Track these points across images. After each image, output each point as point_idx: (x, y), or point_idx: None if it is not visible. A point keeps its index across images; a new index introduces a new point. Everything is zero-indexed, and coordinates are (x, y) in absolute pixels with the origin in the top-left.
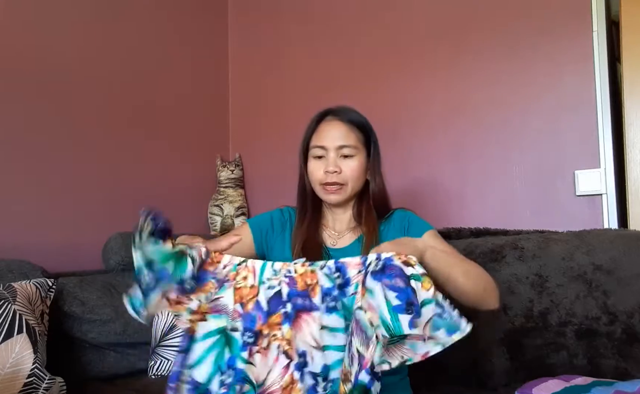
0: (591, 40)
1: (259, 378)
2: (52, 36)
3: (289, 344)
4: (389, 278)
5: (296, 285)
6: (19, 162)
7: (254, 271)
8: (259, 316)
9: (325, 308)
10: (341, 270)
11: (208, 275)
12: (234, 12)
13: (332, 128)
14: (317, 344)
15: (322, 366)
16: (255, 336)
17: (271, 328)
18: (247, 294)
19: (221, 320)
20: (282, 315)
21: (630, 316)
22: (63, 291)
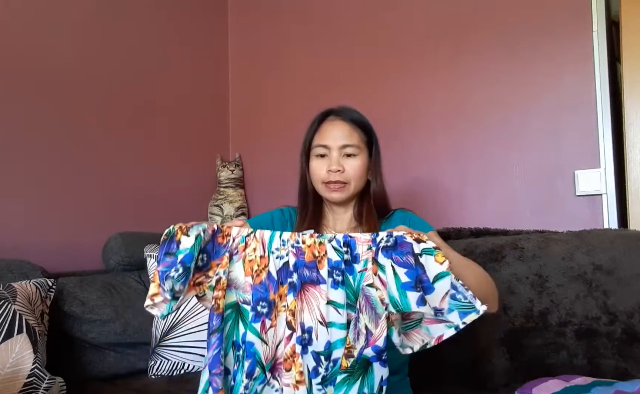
0: (591, 40)
1: (268, 357)
2: (53, 37)
3: (292, 315)
4: (400, 255)
5: (304, 256)
6: (19, 162)
7: (263, 241)
8: (271, 286)
9: (332, 282)
10: (350, 245)
11: (221, 248)
12: (234, 12)
13: (335, 128)
14: (322, 320)
15: (325, 344)
16: (269, 306)
17: (281, 299)
18: (259, 265)
19: (231, 294)
20: (288, 286)
21: (630, 316)
22: (63, 291)
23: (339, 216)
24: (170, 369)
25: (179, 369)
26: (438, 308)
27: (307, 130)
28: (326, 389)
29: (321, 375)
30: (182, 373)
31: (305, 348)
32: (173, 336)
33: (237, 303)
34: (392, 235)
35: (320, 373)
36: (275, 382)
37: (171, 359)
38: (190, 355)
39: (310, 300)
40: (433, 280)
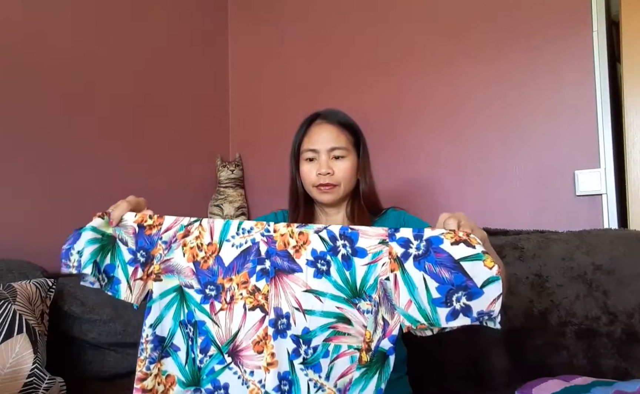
0: (591, 40)
1: (224, 338)
2: (53, 37)
3: (265, 300)
4: (434, 264)
5: (275, 244)
6: (19, 161)
7: (212, 229)
8: (220, 270)
9: (315, 272)
10: (351, 238)
11: (154, 238)
12: (234, 12)
13: (322, 131)
14: (299, 307)
15: (303, 329)
16: (217, 289)
17: (238, 287)
18: (206, 251)
19: (174, 278)
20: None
21: (630, 316)
22: (63, 291)
23: (331, 218)
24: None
25: None
26: (485, 311)
27: (296, 135)
28: (308, 371)
29: (302, 356)
30: None
31: (284, 333)
32: None
33: (179, 287)
34: (422, 236)
35: (301, 354)
36: (237, 368)
37: None
38: None
39: (286, 288)
40: (482, 285)
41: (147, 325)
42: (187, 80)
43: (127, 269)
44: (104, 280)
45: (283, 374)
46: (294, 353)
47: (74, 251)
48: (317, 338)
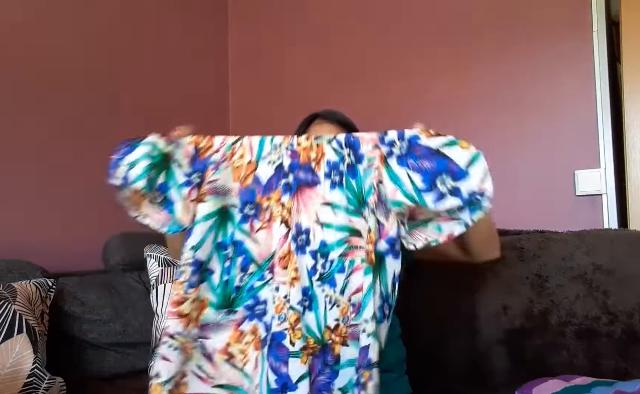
0: (591, 40)
1: (264, 255)
2: (53, 37)
3: (289, 214)
4: (415, 160)
5: (299, 158)
6: (19, 161)
7: (251, 147)
8: (258, 189)
9: (330, 183)
10: (354, 145)
11: (206, 161)
12: (234, 12)
13: (322, 131)
14: (317, 219)
15: (320, 242)
16: (256, 208)
17: (276, 203)
18: (246, 170)
19: (218, 200)
20: (283, 186)
21: (630, 316)
22: (63, 291)
23: None
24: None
25: None
26: (477, 191)
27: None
28: (324, 286)
29: (318, 272)
30: None
31: (302, 249)
32: None
33: (221, 209)
34: (403, 136)
35: (317, 270)
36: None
37: None
38: None
39: (307, 201)
40: (466, 166)
41: (188, 246)
42: (187, 80)
43: (181, 191)
44: (159, 197)
45: (304, 289)
46: (312, 269)
47: (122, 164)
48: (334, 252)
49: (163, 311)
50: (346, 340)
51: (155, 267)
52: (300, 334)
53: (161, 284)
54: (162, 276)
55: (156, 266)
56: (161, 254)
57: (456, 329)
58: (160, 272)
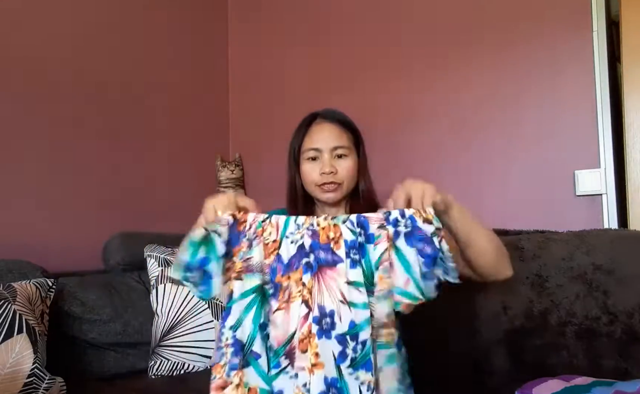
0: (591, 40)
1: (280, 340)
2: (54, 36)
3: (309, 294)
4: (418, 241)
5: (319, 238)
6: (19, 161)
7: (278, 226)
8: (279, 268)
9: (351, 262)
10: (364, 225)
11: (240, 235)
12: (234, 12)
13: (324, 130)
14: (344, 300)
15: (350, 323)
16: (275, 288)
17: (296, 283)
18: (269, 248)
19: (254, 278)
20: (305, 266)
21: (630, 316)
22: (63, 291)
23: None
24: (170, 369)
25: (179, 369)
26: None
27: (295, 135)
28: (358, 373)
29: (349, 357)
30: (182, 373)
31: (328, 333)
32: (173, 336)
33: (260, 287)
34: (404, 214)
35: (348, 355)
36: (291, 369)
37: (171, 359)
38: (190, 355)
39: (329, 282)
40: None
41: (226, 326)
42: (187, 80)
43: (220, 263)
44: (195, 277)
45: (331, 380)
46: (341, 356)
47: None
48: (364, 332)
49: (163, 311)
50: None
51: (155, 267)
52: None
53: (161, 284)
54: (162, 276)
55: (156, 266)
56: (161, 254)
57: (456, 329)
58: (160, 272)
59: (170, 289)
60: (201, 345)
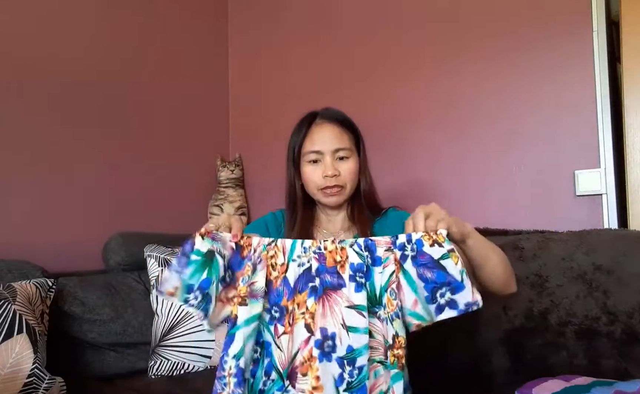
0: (591, 40)
1: (284, 363)
2: (53, 36)
3: (312, 318)
4: (418, 267)
5: (325, 261)
6: (19, 161)
7: (284, 249)
8: (285, 292)
9: (355, 286)
10: (371, 248)
11: (244, 260)
12: (234, 12)
13: (324, 131)
14: (344, 324)
15: (347, 347)
16: (280, 312)
17: (299, 306)
18: (278, 271)
19: (258, 304)
20: (310, 290)
21: (630, 316)
22: (63, 291)
23: (332, 218)
24: (170, 369)
25: (179, 369)
26: (472, 301)
27: (294, 136)
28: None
29: (346, 381)
30: (182, 373)
31: (329, 356)
32: (173, 336)
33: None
34: (411, 239)
35: (345, 379)
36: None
37: (171, 359)
38: (190, 355)
39: (333, 305)
40: (460, 279)
41: (229, 355)
42: (187, 80)
43: (219, 287)
44: (197, 298)
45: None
46: (339, 378)
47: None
48: (362, 358)
49: (163, 311)
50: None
51: (155, 267)
52: None
53: None
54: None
55: (156, 266)
56: (161, 254)
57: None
58: (160, 272)
59: None
60: (201, 345)
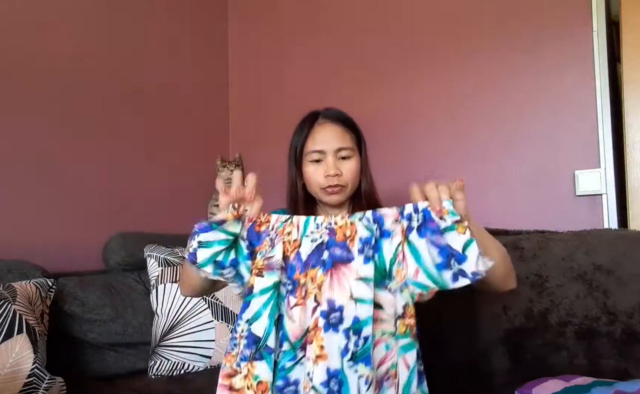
0: (591, 40)
1: (297, 334)
2: (53, 35)
3: (319, 289)
4: (431, 234)
5: (335, 236)
6: (19, 161)
7: (298, 226)
8: (297, 266)
9: (364, 258)
10: (379, 221)
11: (262, 234)
12: (234, 12)
13: (327, 131)
14: (351, 295)
15: (353, 318)
16: (293, 285)
17: (313, 281)
18: (291, 246)
19: (274, 275)
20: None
21: (630, 316)
22: (63, 291)
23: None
24: (170, 369)
25: (179, 369)
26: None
27: (296, 135)
28: (357, 366)
29: (350, 351)
30: (182, 373)
31: (335, 327)
32: (173, 336)
33: (278, 284)
34: (418, 209)
35: (349, 349)
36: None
37: (171, 359)
38: (190, 355)
39: (341, 278)
40: (462, 250)
41: (243, 319)
42: (187, 80)
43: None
44: (230, 272)
45: (333, 371)
46: (345, 349)
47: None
48: (367, 328)
49: (163, 311)
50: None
51: (155, 267)
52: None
53: (161, 284)
54: (162, 276)
55: (156, 266)
56: (161, 254)
57: (456, 329)
58: (160, 272)
59: (170, 289)
60: (201, 345)
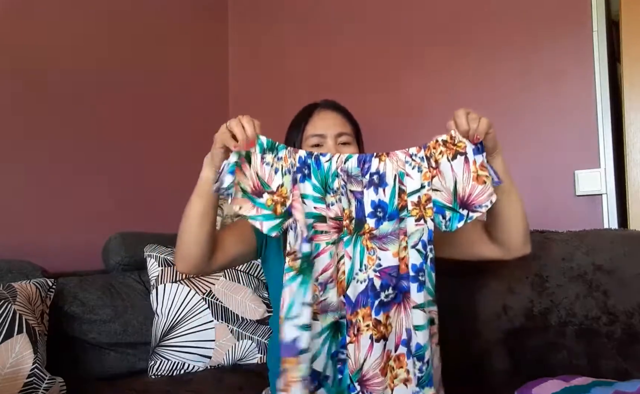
0: (591, 40)
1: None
2: (53, 36)
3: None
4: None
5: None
6: (19, 161)
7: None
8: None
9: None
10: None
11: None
12: (234, 13)
13: (328, 117)
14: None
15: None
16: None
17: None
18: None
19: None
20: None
21: (630, 316)
22: (63, 291)
23: None
24: (170, 369)
25: (179, 369)
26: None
27: (294, 125)
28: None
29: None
30: (182, 373)
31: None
32: (173, 336)
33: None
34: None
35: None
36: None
37: (171, 359)
38: (190, 355)
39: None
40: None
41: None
42: (187, 80)
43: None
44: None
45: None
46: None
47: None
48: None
49: (163, 311)
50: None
51: (155, 267)
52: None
53: (161, 284)
54: (162, 276)
55: (156, 266)
56: (161, 254)
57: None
58: (160, 272)
59: (170, 289)
60: (201, 345)
